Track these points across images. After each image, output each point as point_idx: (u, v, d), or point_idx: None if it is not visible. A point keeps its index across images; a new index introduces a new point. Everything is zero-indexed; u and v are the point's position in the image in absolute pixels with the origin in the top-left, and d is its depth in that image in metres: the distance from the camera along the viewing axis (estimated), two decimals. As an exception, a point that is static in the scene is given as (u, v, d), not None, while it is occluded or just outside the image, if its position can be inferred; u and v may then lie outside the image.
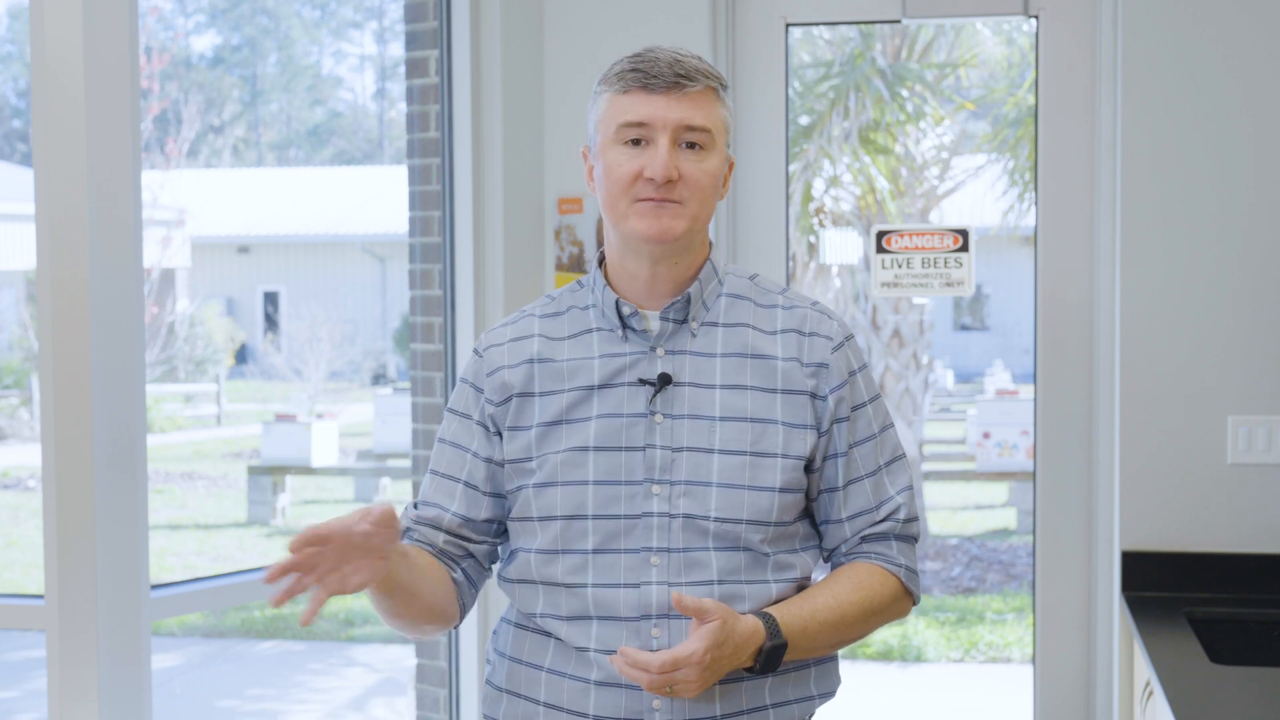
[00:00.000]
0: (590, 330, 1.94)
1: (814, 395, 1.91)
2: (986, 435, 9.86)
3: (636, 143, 1.86)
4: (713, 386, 1.90)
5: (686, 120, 1.85)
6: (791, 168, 3.41)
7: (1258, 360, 3.08)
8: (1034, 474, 3.33)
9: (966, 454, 10.87)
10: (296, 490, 11.11)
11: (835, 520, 1.96)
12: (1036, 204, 3.33)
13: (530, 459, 1.91)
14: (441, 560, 1.96)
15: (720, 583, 1.86)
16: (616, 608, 1.85)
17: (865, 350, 9.73)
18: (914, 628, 7.61)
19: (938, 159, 9.93)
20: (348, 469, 11.39)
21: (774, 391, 1.90)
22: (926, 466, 10.50)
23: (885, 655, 7.34)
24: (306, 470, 10.79)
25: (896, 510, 1.96)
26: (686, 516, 1.86)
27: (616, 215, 1.89)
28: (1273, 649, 2.92)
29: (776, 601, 1.89)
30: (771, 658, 1.83)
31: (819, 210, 9.60)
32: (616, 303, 1.92)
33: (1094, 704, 3.29)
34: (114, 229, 2.57)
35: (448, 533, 1.96)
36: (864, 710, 6.37)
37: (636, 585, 1.85)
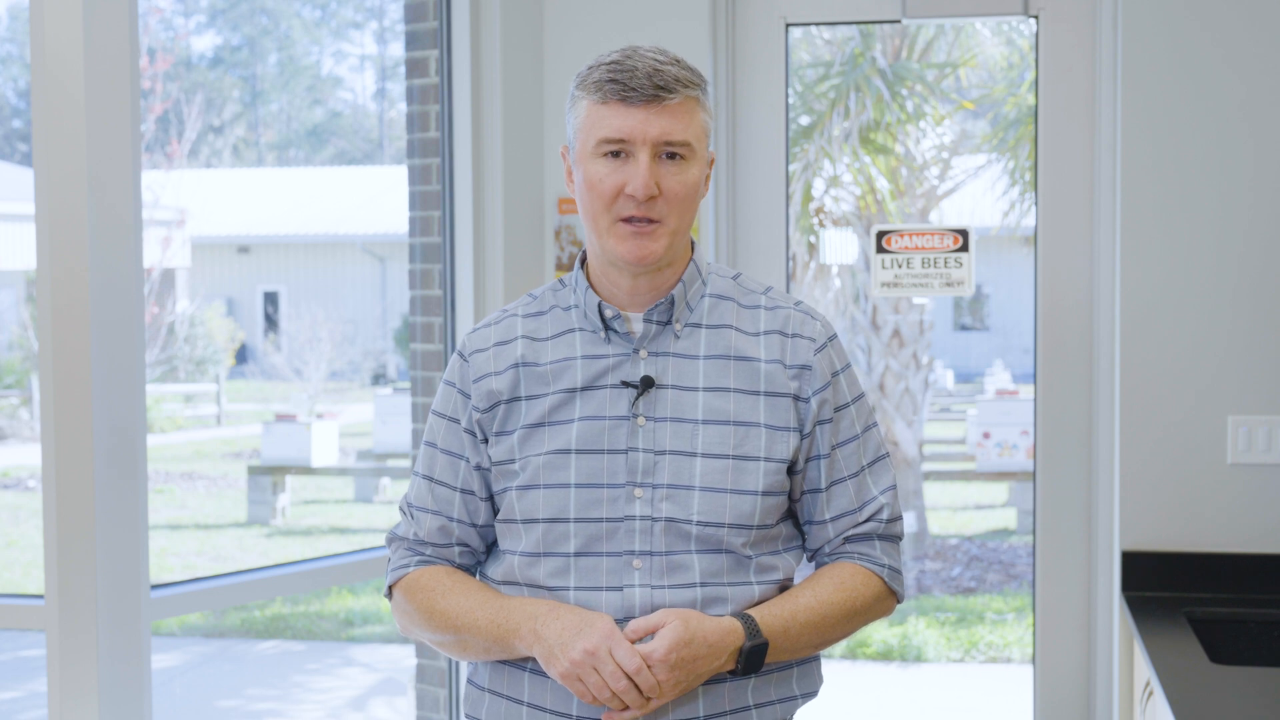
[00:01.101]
0: (572, 331, 1.93)
1: (797, 397, 1.91)
2: (986, 435, 9.86)
3: (616, 154, 1.85)
4: (695, 389, 1.89)
5: (666, 135, 1.84)
6: (791, 168, 3.40)
7: (1258, 360, 3.08)
8: (1034, 474, 3.33)
9: (966, 454, 10.86)
10: (296, 490, 11.10)
11: (819, 521, 1.96)
12: (1036, 204, 3.33)
13: (513, 461, 1.90)
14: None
15: (703, 585, 1.86)
16: (599, 610, 1.85)
17: (865, 350, 9.76)
18: (914, 628, 7.61)
19: (938, 159, 9.92)
20: (348, 469, 11.38)
21: (757, 394, 1.90)
22: (926, 466, 10.49)
23: (885, 655, 7.34)
24: (306, 470, 10.78)
25: (880, 510, 1.96)
26: (669, 520, 1.86)
27: (597, 230, 1.89)
28: (1273, 649, 2.92)
29: (759, 603, 1.88)
30: (753, 658, 1.83)
31: (819, 210, 9.59)
32: (599, 305, 1.91)
33: (1094, 704, 3.29)
34: (114, 229, 2.57)
35: (460, 544, 1.97)
36: (864, 710, 6.37)
37: (619, 588, 1.85)
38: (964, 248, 3.25)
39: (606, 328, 1.91)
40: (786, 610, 1.87)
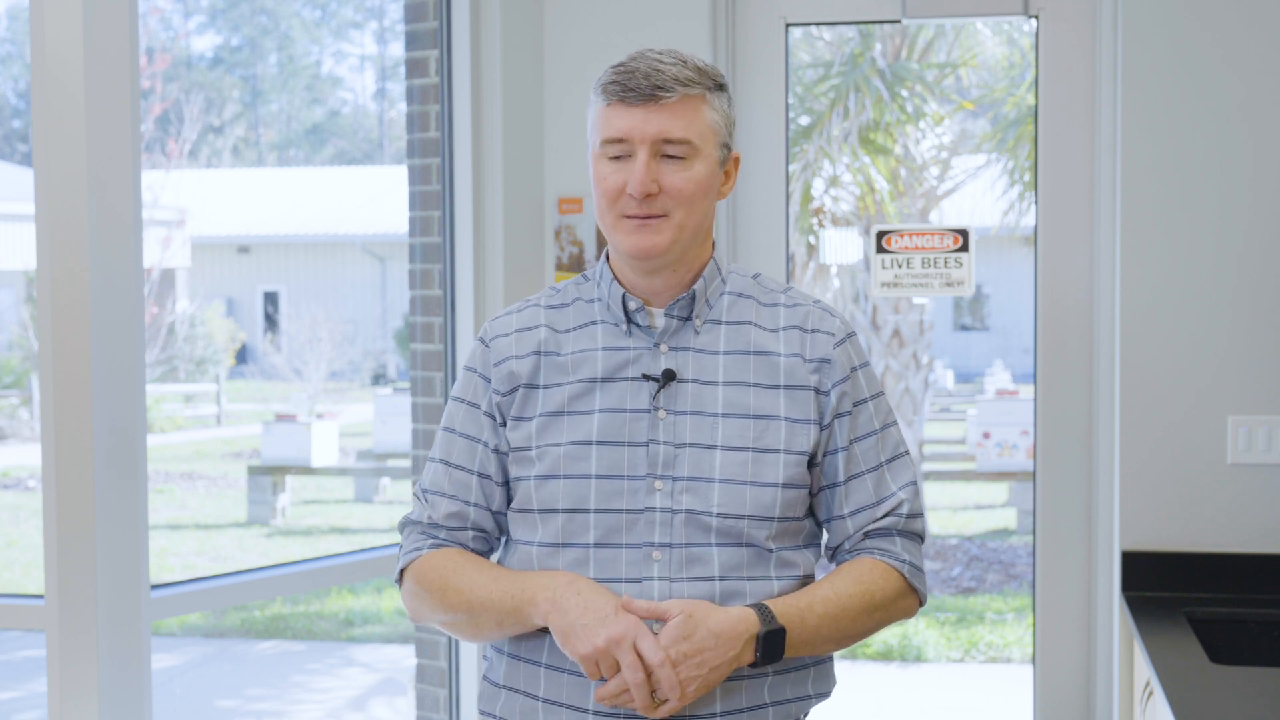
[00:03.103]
0: (594, 323, 1.96)
1: (817, 390, 1.93)
2: (986, 435, 9.86)
3: (622, 154, 1.89)
4: (715, 383, 1.91)
5: (663, 133, 1.87)
6: (791, 168, 3.41)
7: (1258, 360, 3.08)
8: (1034, 474, 3.33)
9: (966, 454, 10.86)
10: (296, 490, 11.09)
11: (838, 516, 1.97)
12: (1036, 204, 3.33)
13: (530, 449, 1.92)
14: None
15: (722, 579, 1.87)
16: None
17: (865, 349, 9.78)
18: (914, 628, 7.61)
19: (937, 159, 9.93)
20: (348, 469, 11.38)
21: (777, 388, 1.92)
22: (926, 466, 10.50)
23: (885, 655, 7.34)
24: (306, 470, 10.78)
25: (899, 506, 1.96)
26: (689, 512, 1.87)
27: (605, 227, 1.93)
28: (1273, 649, 2.92)
29: (779, 597, 1.89)
30: (770, 645, 1.82)
31: (818, 210, 9.60)
32: (623, 297, 1.94)
33: (1094, 704, 3.29)
34: (114, 229, 2.57)
35: (474, 529, 1.98)
36: (864, 710, 6.37)
37: (638, 580, 1.86)
38: (964, 248, 3.25)
39: (629, 320, 1.94)
40: (803, 601, 1.87)
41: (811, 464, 1.94)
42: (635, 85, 1.86)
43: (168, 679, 7.16)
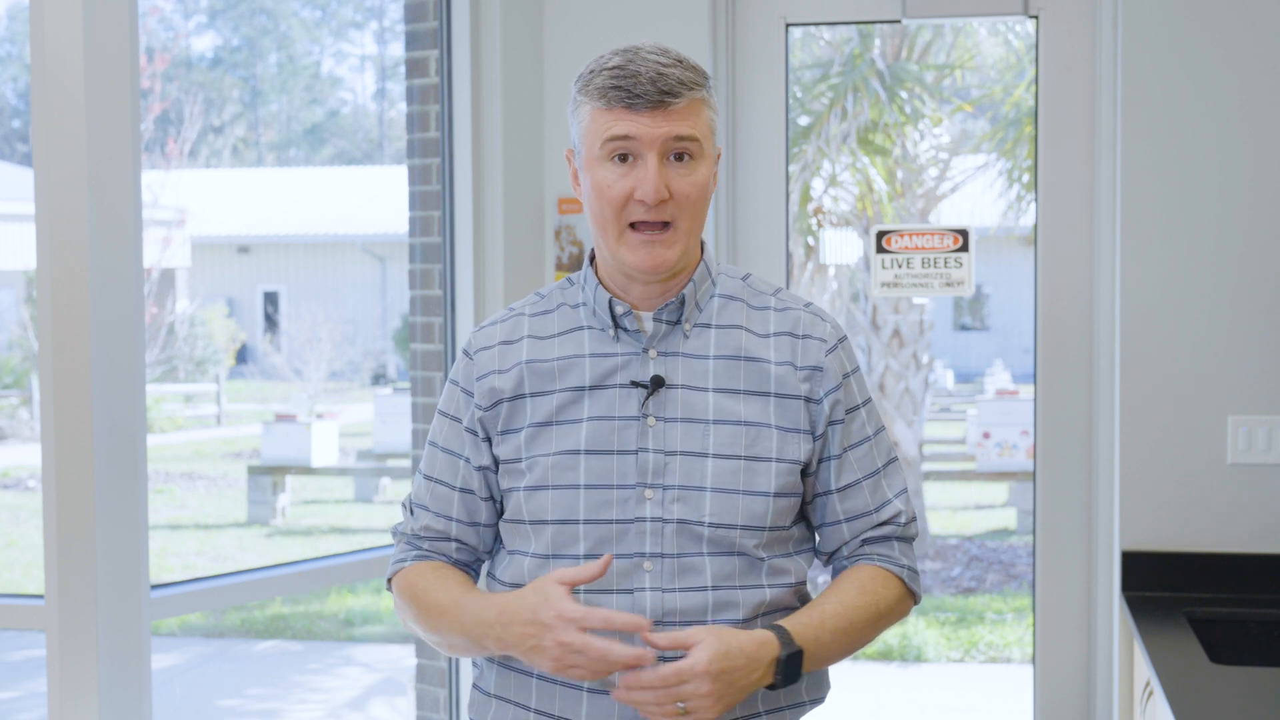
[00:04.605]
0: (581, 329, 1.92)
1: (808, 399, 1.89)
2: (986, 435, 9.86)
3: (624, 158, 1.83)
4: (705, 389, 1.87)
5: (674, 133, 1.81)
6: (790, 168, 3.41)
7: (1258, 360, 3.08)
8: (1034, 474, 3.33)
9: (966, 454, 10.86)
10: (296, 490, 11.10)
11: (833, 523, 1.94)
12: (1036, 204, 3.33)
13: (520, 460, 1.89)
14: (460, 569, 1.97)
15: (714, 588, 1.84)
16: (608, 608, 1.83)
17: (865, 350, 9.76)
18: (914, 627, 7.61)
19: (936, 160, 9.92)
20: (348, 469, 11.39)
21: (767, 395, 1.88)
22: (926, 466, 10.49)
23: (885, 655, 7.34)
24: (306, 470, 10.78)
25: (897, 515, 1.95)
26: (680, 522, 1.84)
27: (608, 238, 1.86)
28: (1273, 649, 2.92)
29: (770, 606, 1.87)
30: (790, 667, 1.79)
31: (818, 210, 9.60)
32: (610, 302, 1.89)
33: (1094, 704, 3.29)
34: (114, 229, 2.57)
35: (457, 541, 1.96)
36: (864, 710, 6.37)
37: (630, 591, 1.83)
38: (964, 248, 3.25)
39: (616, 325, 1.89)
40: (815, 618, 1.84)
41: (805, 473, 1.91)
42: (642, 91, 1.80)
43: (168, 679, 7.16)
